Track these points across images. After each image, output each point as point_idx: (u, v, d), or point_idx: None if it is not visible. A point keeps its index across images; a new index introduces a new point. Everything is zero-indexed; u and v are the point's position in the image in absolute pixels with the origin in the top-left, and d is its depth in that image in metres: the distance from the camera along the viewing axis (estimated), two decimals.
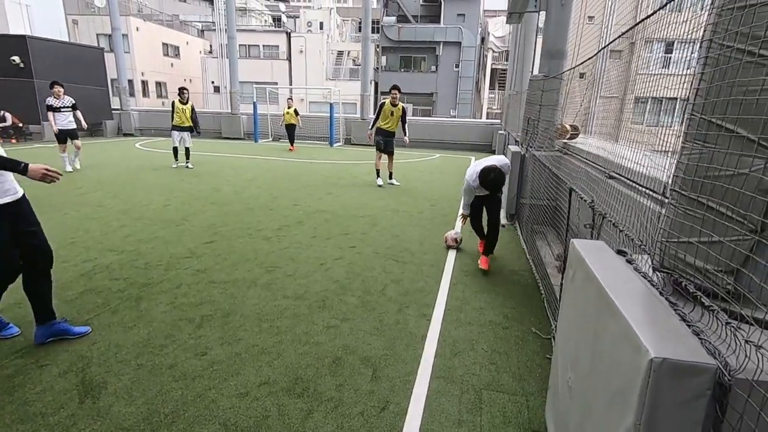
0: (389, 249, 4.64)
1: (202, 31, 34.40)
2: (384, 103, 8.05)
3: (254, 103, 16.85)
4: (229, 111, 17.78)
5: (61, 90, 8.47)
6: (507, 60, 26.61)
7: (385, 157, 8.27)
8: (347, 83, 27.47)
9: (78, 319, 2.95)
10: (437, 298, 3.50)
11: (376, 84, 28.28)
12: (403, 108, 8.10)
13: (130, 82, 21.89)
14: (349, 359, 2.61)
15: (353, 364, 2.55)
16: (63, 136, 8.61)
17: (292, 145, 14.40)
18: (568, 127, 5.04)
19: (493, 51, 27.89)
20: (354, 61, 30.89)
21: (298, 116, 14.30)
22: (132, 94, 22.16)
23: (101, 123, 17.55)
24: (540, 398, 2.31)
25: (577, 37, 7.25)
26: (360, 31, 34.06)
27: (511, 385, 2.43)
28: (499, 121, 17.40)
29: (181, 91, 9.72)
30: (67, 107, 8.59)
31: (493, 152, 14.73)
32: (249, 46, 29.13)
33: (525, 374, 2.54)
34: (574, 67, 4.83)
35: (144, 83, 27.27)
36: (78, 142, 8.84)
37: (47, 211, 5.65)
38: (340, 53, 31.11)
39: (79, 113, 8.76)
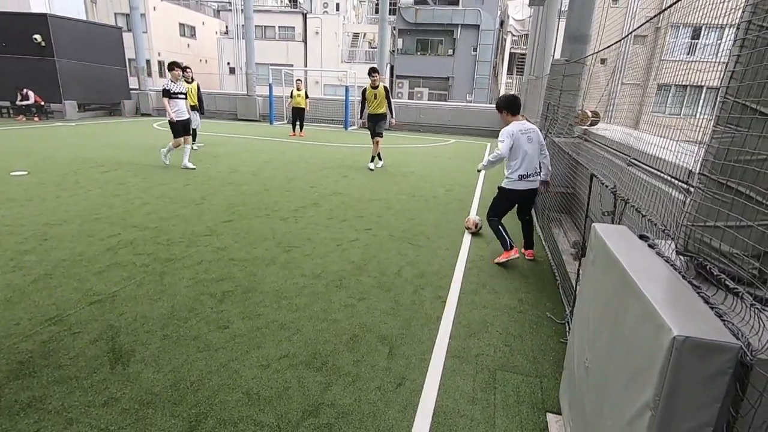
0: (404, 232, 4.67)
1: (218, 11, 34.25)
2: (365, 89, 8.02)
3: (270, 84, 16.84)
4: (245, 93, 17.81)
5: (181, 73, 7.34)
6: (526, 44, 26.02)
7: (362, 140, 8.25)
8: (363, 66, 27.16)
9: (105, 291, 3.06)
10: (452, 281, 3.54)
11: (392, 67, 27.94)
12: (385, 87, 8.01)
13: (148, 62, 22.00)
14: (366, 337, 2.67)
15: (370, 342, 2.62)
16: (179, 127, 7.37)
17: (298, 130, 13.17)
18: (589, 113, 4.96)
19: (513, 35, 27.25)
20: (370, 43, 30.51)
21: (308, 99, 13.20)
22: (149, 74, 22.28)
23: (120, 102, 17.77)
24: (553, 380, 2.35)
25: (601, 20, 7.06)
26: (377, 12, 33.56)
27: (525, 366, 2.48)
28: None
29: (185, 69, 9.11)
30: (184, 94, 7.44)
31: None
32: (265, 27, 28.93)
33: (539, 356, 2.57)
34: (597, 52, 4.73)
35: (160, 63, 27.39)
36: (189, 137, 7.65)
37: (72, 187, 5.80)
38: (356, 35, 30.74)
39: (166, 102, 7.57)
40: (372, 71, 7.90)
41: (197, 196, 5.65)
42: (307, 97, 13.23)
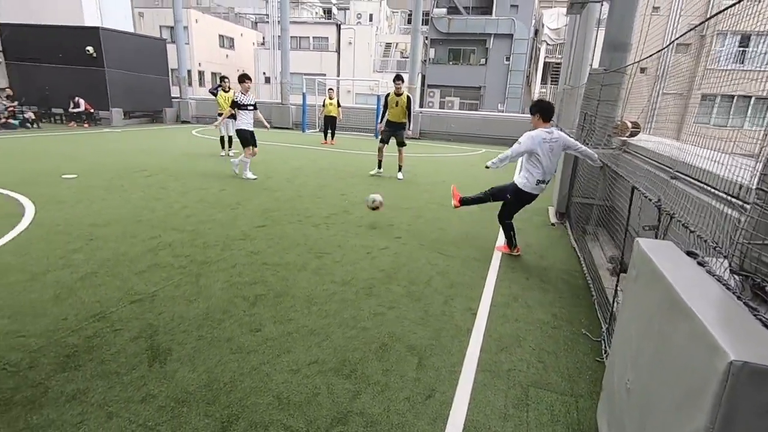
0: (434, 242, 4.64)
1: (256, 23, 35.47)
2: (389, 94, 8.04)
3: (303, 93, 17.22)
4: (279, 101, 18.28)
5: (251, 85, 7.52)
6: (561, 53, 25.54)
7: (388, 149, 8.21)
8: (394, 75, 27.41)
9: (145, 291, 3.19)
10: (483, 292, 3.48)
11: (423, 77, 28.03)
12: (408, 97, 8.00)
13: (189, 72, 22.99)
14: (396, 346, 2.66)
15: (399, 351, 2.60)
16: (245, 136, 7.37)
17: (330, 138, 13.47)
18: (629, 124, 4.80)
19: (547, 44, 26.82)
20: (402, 53, 30.77)
21: (340, 108, 13.45)
22: (189, 84, 23.26)
23: (162, 110, 18.62)
24: (590, 400, 2.26)
25: (642, 28, 6.85)
26: (409, 23, 33.84)
27: (560, 384, 2.39)
28: None
29: (223, 79, 9.90)
30: (252, 106, 7.46)
31: None
32: (299, 38, 29.71)
33: (574, 375, 2.48)
34: (638, 61, 4.58)
35: (200, 73, 28.56)
36: (256, 148, 7.58)
37: (117, 191, 6.10)
38: (388, 45, 31.09)
39: (259, 113, 7.74)
40: (397, 78, 7.96)
41: (233, 201, 5.82)
42: (339, 105, 13.54)
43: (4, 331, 2.57)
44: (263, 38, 33.03)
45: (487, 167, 4.21)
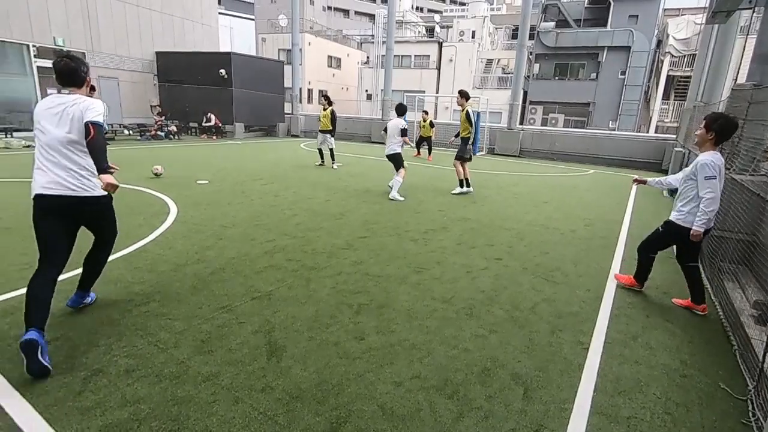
0: (538, 266, 4.41)
1: (361, 43, 37.54)
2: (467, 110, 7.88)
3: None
4: (380, 117, 19.01)
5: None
6: (689, 66, 22.83)
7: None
8: (494, 92, 26.92)
9: (263, 289, 3.51)
10: (596, 326, 3.20)
11: (525, 93, 27.06)
12: (466, 111, 7.87)
13: (299, 89, 25.09)
14: (499, 372, 2.56)
15: (503, 379, 2.51)
16: (401, 159, 7.44)
17: (426, 153, 14.22)
18: None
19: (672, 55, 24.16)
20: (503, 69, 30.11)
21: (433, 128, 14.35)
22: (300, 101, 25.36)
23: (275, 125, 20.55)
24: None
25: None
26: (513, 38, 33.03)
27: None
28: (673, 136, 15.04)
29: (325, 97, 11.00)
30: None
31: (664, 172, 12.80)
32: (401, 56, 30.71)
33: None
34: None
35: (309, 91, 30.95)
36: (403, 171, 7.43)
37: (239, 196, 6.85)
38: (489, 61, 30.68)
39: (407, 139, 7.50)
40: (460, 94, 7.74)
41: (337, 212, 6.17)
42: (432, 126, 14.37)
43: (156, 313, 3.03)
44: (367, 57, 34.79)
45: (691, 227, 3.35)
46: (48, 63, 14.34)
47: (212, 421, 2.05)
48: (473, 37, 31.33)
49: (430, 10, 44.57)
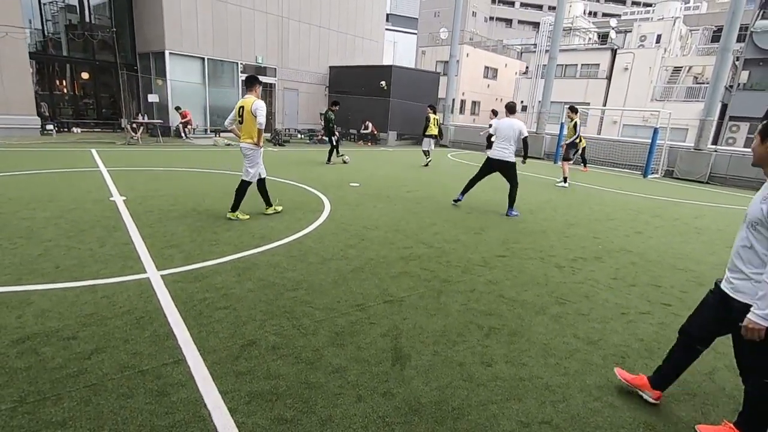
0: None
1: (521, 53, 36.07)
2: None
3: (561, 123, 16.36)
4: (534, 131, 17.95)
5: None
6: None
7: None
8: (679, 104, 22.91)
9: (396, 294, 3.60)
10: None
11: (724, 106, 22.33)
12: (575, 122, 10.55)
13: (453, 100, 25.35)
14: None
15: None
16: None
17: (585, 166, 14.93)
18: None
19: None
20: (695, 78, 25.41)
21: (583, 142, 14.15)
22: (452, 111, 25.63)
23: None
24: None
25: None
26: (712, 41, 27.63)
27: None
28: None
29: (431, 105, 12.81)
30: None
31: None
32: (566, 65, 28.49)
33: None
34: None
35: (462, 102, 31.05)
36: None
37: (384, 200, 7.22)
38: (676, 69, 26.21)
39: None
40: (571, 109, 10.36)
41: (476, 226, 6.00)
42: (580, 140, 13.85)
43: (301, 300, 3.37)
44: (526, 67, 33.26)
45: None
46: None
47: (336, 412, 2.17)
48: (658, 41, 27.24)
49: (605, 14, 40.40)
